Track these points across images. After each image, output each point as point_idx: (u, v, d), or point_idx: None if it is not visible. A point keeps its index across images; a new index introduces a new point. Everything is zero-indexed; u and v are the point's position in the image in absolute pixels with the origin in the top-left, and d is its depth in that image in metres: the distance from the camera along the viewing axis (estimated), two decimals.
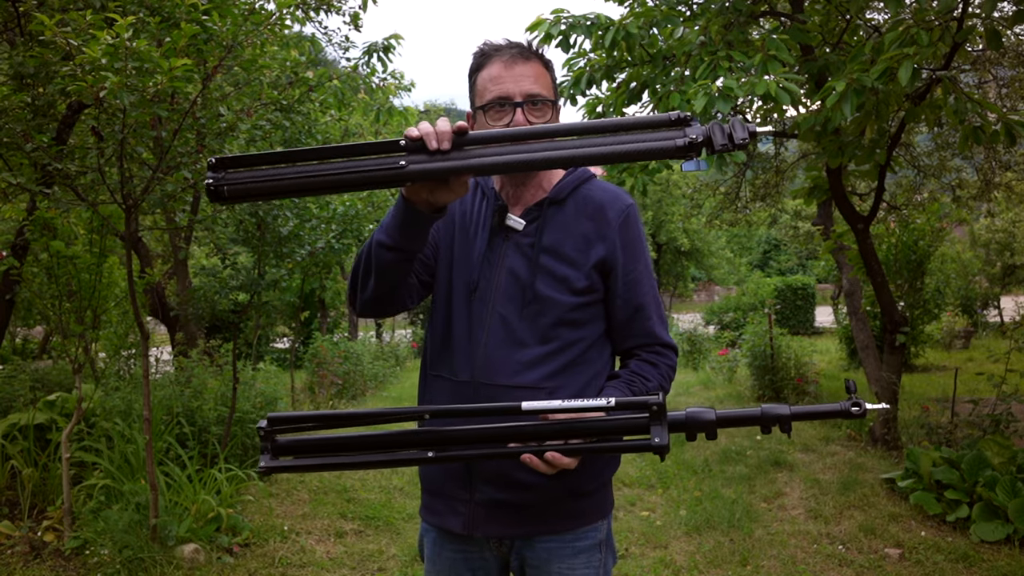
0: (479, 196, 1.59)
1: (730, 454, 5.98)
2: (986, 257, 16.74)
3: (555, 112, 1.51)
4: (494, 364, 1.47)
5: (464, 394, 1.49)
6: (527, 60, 1.47)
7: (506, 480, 1.46)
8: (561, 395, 1.47)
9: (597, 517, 1.55)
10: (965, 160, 10.73)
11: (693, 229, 23.84)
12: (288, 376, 8.11)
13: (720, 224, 13.74)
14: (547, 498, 1.47)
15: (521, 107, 1.44)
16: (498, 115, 1.45)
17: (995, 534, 3.91)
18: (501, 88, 1.44)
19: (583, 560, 1.52)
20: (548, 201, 1.52)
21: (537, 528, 1.50)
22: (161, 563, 3.52)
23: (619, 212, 1.53)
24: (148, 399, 3.56)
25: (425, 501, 1.61)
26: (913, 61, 3.52)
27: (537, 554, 1.51)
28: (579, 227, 1.51)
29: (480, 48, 1.52)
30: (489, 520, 1.49)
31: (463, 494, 1.50)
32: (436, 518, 1.56)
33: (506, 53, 1.47)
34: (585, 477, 1.48)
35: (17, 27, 3.85)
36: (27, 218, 3.88)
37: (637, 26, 4.48)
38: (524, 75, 1.45)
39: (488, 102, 1.45)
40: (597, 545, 1.54)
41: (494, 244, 1.52)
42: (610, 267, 1.50)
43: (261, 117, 4.12)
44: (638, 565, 3.93)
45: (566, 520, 1.50)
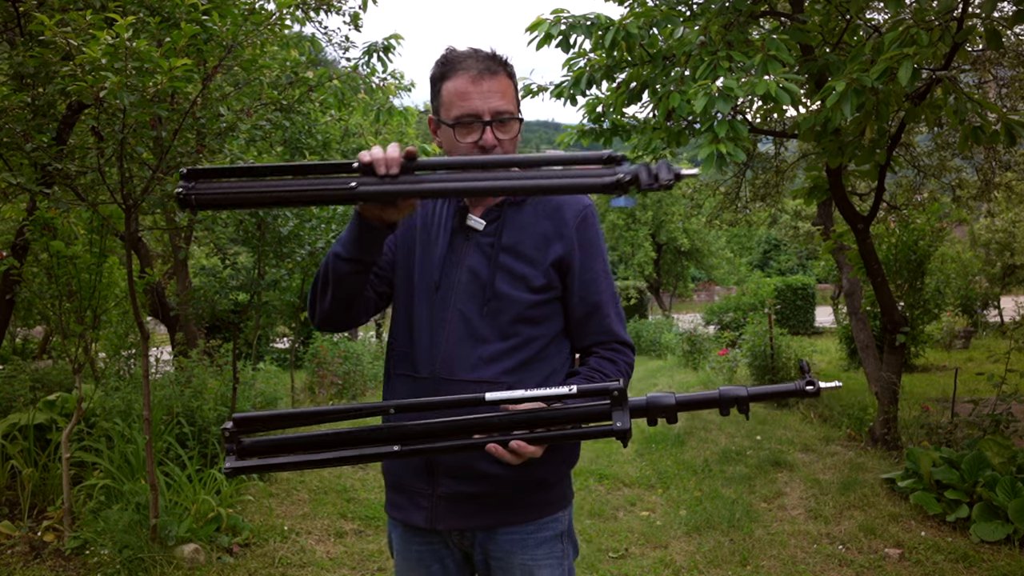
0: (441, 200, 1.64)
1: (730, 454, 5.98)
2: (986, 257, 16.74)
3: (520, 125, 1.55)
4: (455, 359, 1.51)
5: (426, 390, 1.52)
6: (494, 75, 1.49)
7: (467, 472, 1.49)
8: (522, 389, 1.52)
9: (557, 508, 1.58)
10: (965, 160, 10.72)
11: (693, 229, 23.86)
12: (288, 376, 8.11)
13: (720, 224, 13.73)
14: (508, 490, 1.51)
15: (490, 125, 1.48)
16: (466, 132, 1.49)
17: (995, 534, 3.91)
18: (469, 105, 1.47)
19: (545, 551, 1.55)
20: (507, 202, 1.57)
21: (499, 520, 1.53)
22: (161, 563, 3.52)
23: (576, 212, 1.57)
24: (148, 399, 3.56)
25: (389, 497, 1.64)
26: (913, 61, 3.52)
27: (500, 546, 1.54)
28: (537, 227, 1.55)
29: (444, 56, 1.53)
30: (451, 513, 1.52)
31: (425, 488, 1.53)
32: (400, 513, 1.59)
33: (473, 67, 1.48)
34: (545, 469, 1.51)
35: (17, 27, 3.85)
36: (27, 218, 3.88)
37: (637, 26, 4.48)
38: (492, 91, 1.48)
39: (456, 118, 1.49)
40: (559, 536, 1.58)
41: (455, 244, 1.57)
42: (567, 265, 1.54)
43: (261, 117, 4.12)
44: (638, 565, 3.93)
45: (527, 511, 1.54)
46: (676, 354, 12.96)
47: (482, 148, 1.48)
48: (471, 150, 1.49)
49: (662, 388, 10.03)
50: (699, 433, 6.86)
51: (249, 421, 1.33)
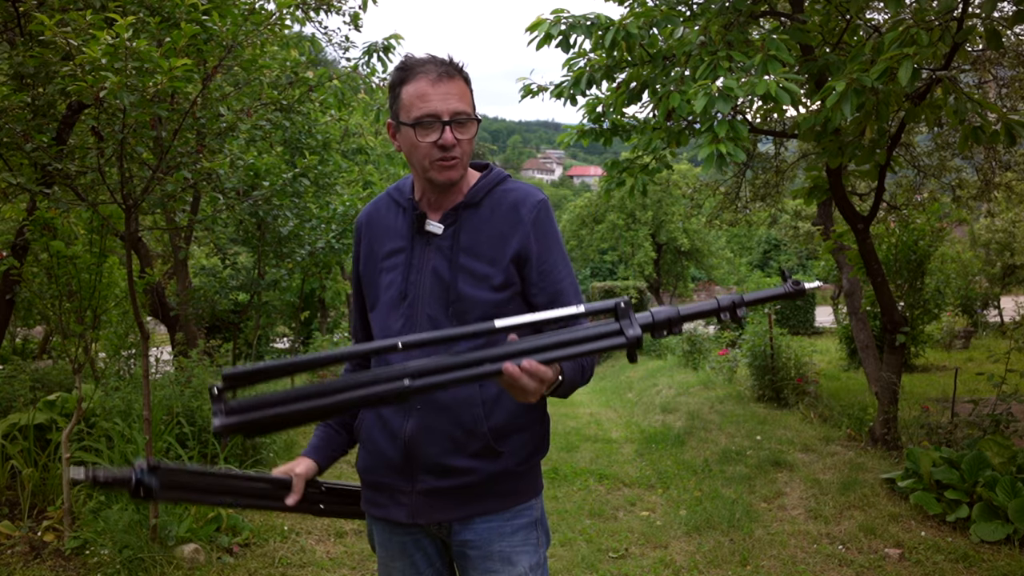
0: (398, 212, 1.68)
1: (730, 454, 5.98)
2: (986, 257, 16.74)
3: (477, 126, 1.59)
4: None
5: None
6: (451, 78, 1.54)
7: (446, 469, 1.56)
8: (493, 386, 1.55)
9: (530, 496, 1.65)
10: (965, 160, 10.72)
11: (693, 229, 23.85)
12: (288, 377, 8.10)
13: (720, 224, 13.73)
14: (482, 480, 1.57)
15: (449, 125, 1.53)
16: (427, 132, 1.53)
17: (995, 534, 3.91)
18: (429, 106, 1.52)
19: (521, 538, 1.62)
20: (463, 204, 1.61)
21: (475, 509, 1.59)
22: (161, 563, 3.52)
23: (531, 207, 1.61)
24: (148, 399, 3.56)
25: (367, 496, 1.68)
26: (913, 61, 3.52)
27: (478, 535, 1.60)
28: (494, 226, 1.60)
29: (403, 62, 1.59)
30: (431, 508, 1.58)
31: (405, 485, 1.59)
32: (380, 510, 1.64)
33: (432, 71, 1.54)
34: (515, 460, 1.60)
35: (17, 27, 3.85)
36: (27, 218, 3.88)
37: (637, 26, 4.48)
38: (450, 93, 1.53)
39: (416, 119, 1.53)
40: (533, 523, 1.64)
41: (416, 249, 1.62)
42: (524, 259, 1.58)
43: (261, 117, 4.13)
44: (638, 565, 3.93)
45: (501, 499, 1.60)
46: (676, 354, 12.96)
47: (442, 147, 1.53)
48: (430, 150, 1.53)
49: (662, 388, 10.03)
50: (699, 433, 6.86)
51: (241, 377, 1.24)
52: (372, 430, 1.63)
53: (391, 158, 7.44)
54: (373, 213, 1.74)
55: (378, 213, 1.72)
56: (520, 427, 1.60)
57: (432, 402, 1.55)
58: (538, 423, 1.65)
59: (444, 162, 1.54)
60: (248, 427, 1.24)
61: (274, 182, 4.09)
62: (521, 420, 1.60)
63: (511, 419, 1.58)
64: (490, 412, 1.56)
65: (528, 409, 1.61)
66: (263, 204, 4.11)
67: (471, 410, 1.54)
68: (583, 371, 1.55)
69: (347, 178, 6.71)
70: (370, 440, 1.64)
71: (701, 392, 8.97)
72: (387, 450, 1.59)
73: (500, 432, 1.57)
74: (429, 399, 1.55)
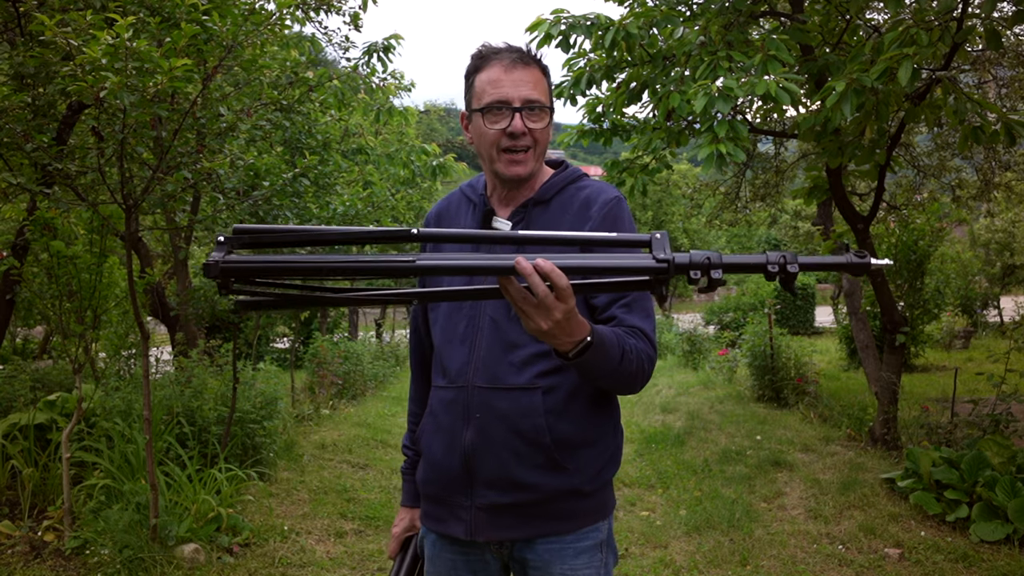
0: (467, 207, 1.62)
1: (730, 454, 5.98)
2: (986, 257, 16.74)
3: (551, 118, 1.52)
4: (488, 367, 1.48)
5: (460, 399, 1.50)
6: (526, 65, 1.48)
7: (506, 483, 1.47)
8: (558, 393, 1.46)
9: (598, 518, 1.54)
10: (965, 160, 10.72)
11: (693, 229, 23.86)
12: (288, 376, 8.11)
13: (720, 224, 13.73)
14: (548, 499, 1.48)
15: (520, 112, 1.46)
16: (496, 118, 1.47)
17: (995, 534, 3.91)
18: (500, 92, 1.46)
19: (584, 560, 1.52)
20: (533, 201, 1.55)
21: (539, 530, 1.49)
22: (161, 563, 3.52)
23: (603, 204, 1.52)
24: (148, 399, 3.56)
25: (425, 509, 1.61)
26: (913, 61, 3.52)
27: (539, 556, 1.51)
28: (563, 223, 1.52)
29: (479, 50, 1.52)
30: (491, 525, 1.49)
31: (464, 500, 1.51)
32: (438, 525, 1.57)
33: (506, 57, 1.48)
34: (585, 478, 1.49)
35: (17, 27, 3.85)
36: (27, 218, 3.88)
37: (637, 26, 4.49)
38: (523, 80, 1.46)
39: (486, 105, 1.46)
40: (598, 545, 1.54)
41: (481, 247, 1.52)
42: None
43: (261, 117, 4.13)
44: (638, 565, 3.93)
45: (567, 521, 1.50)
46: (676, 354, 12.96)
47: (511, 135, 1.46)
48: (499, 138, 1.47)
49: (662, 388, 10.03)
50: (699, 433, 6.86)
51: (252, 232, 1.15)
52: (431, 440, 1.56)
53: (391, 158, 7.44)
54: (444, 208, 1.67)
55: (448, 209, 1.66)
56: (588, 440, 1.49)
57: (491, 410, 1.46)
58: (610, 437, 1.54)
59: (511, 154, 1.47)
60: (244, 271, 1.12)
61: (274, 182, 4.09)
62: (589, 432, 1.49)
63: (578, 431, 1.48)
64: (554, 423, 1.46)
65: (597, 421, 1.51)
66: (263, 204, 4.10)
67: (533, 420, 1.45)
68: (623, 355, 1.37)
69: (347, 178, 6.71)
70: (429, 450, 1.57)
71: (701, 392, 8.97)
72: (446, 462, 1.52)
73: (565, 444, 1.46)
74: (488, 406, 1.46)
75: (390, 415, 7.97)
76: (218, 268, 1.10)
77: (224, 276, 1.11)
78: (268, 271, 1.13)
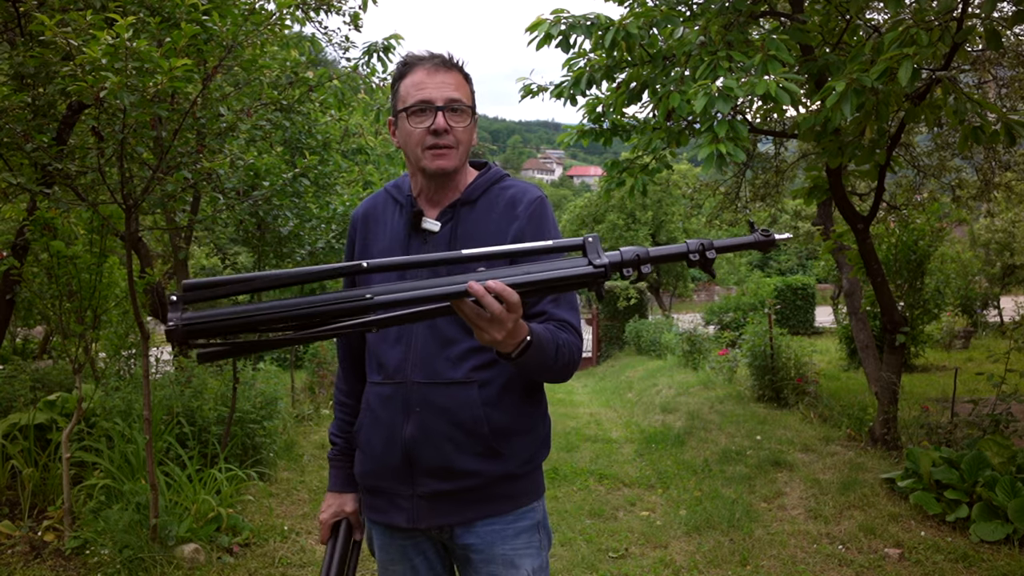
0: (394, 207, 1.67)
1: (730, 454, 5.98)
2: (986, 257, 16.74)
3: (473, 119, 1.58)
4: (424, 363, 1.55)
5: (398, 395, 1.56)
6: (448, 70, 1.55)
7: (448, 471, 1.54)
8: (492, 387, 1.54)
9: (532, 498, 1.63)
10: (965, 160, 10.72)
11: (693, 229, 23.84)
12: (288, 376, 8.11)
13: (720, 224, 13.73)
14: (486, 483, 1.56)
15: (442, 111, 1.52)
16: (420, 118, 1.53)
17: (995, 534, 3.91)
18: (424, 93, 1.53)
19: (524, 540, 1.60)
20: (460, 202, 1.60)
21: (479, 512, 1.57)
22: (161, 563, 3.52)
23: (528, 204, 1.60)
24: (148, 399, 3.56)
25: (367, 501, 1.67)
26: (913, 61, 3.52)
27: (481, 538, 1.58)
28: (491, 223, 1.58)
29: (404, 58, 1.60)
30: (433, 511, 1.57)
31: (405, 489, 1.57)
32: (380, 515, 1.64)
33: (428, 63, 1.55)
34: (519, 462, 1.58)
35: (17, 27, 3.85)
36: (27, 218, 3.88)
37: (637, 26, 4.48)
38: (445, 83, 1.54)
39: (411, 105, 1.53)
40: (535, 526, 1.63)
41: (412, 249, 1.60)
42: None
43: (261, 117, 4.13)
44: (638, 565, 3.93)
45: (504, 502, 1.59)
46: (676, 354, 12.96)
47: (434, 132, 1.52)
48: (423, 136, 1.53)
49: (662, 388, 10.03)
50: (699, 433, 6.86)
51: (200, 287, 1.17)
52: (370, 434, 1.61)
53: (391, 158, 7.44)
54: (370, 209, 1.71)
55: (375, 209, 1.70)
56: (521, 429, 1.59)
57: (431, 404, 1.53)
58: (540, 424, 1.64)
59: (436, 150, 1.53)
60: (205, 329, 1.14)
61: (274, 182, 4.09)
62: (522, 421, 1.59)
63: (512, 420, 1.57)
64: (490, 413, 1.54)
65: (528, 411, 1.60)
66: (263, 204, 4.10)
67: (471, 411, 1.52)
68: (557, 349, 1.48)
69: (347, 178, 6.71)
70: (368, 444, 1.62)
71: (701, 392, 8.97)
72: (385, 454, 1.57)
73: (501, 433, 1.55)
74: (428, 401, 1.53)
75: None
76: (180, 332, 1.13)
77: (187, 339, 1.14)
78: (228, 328, 1.17)
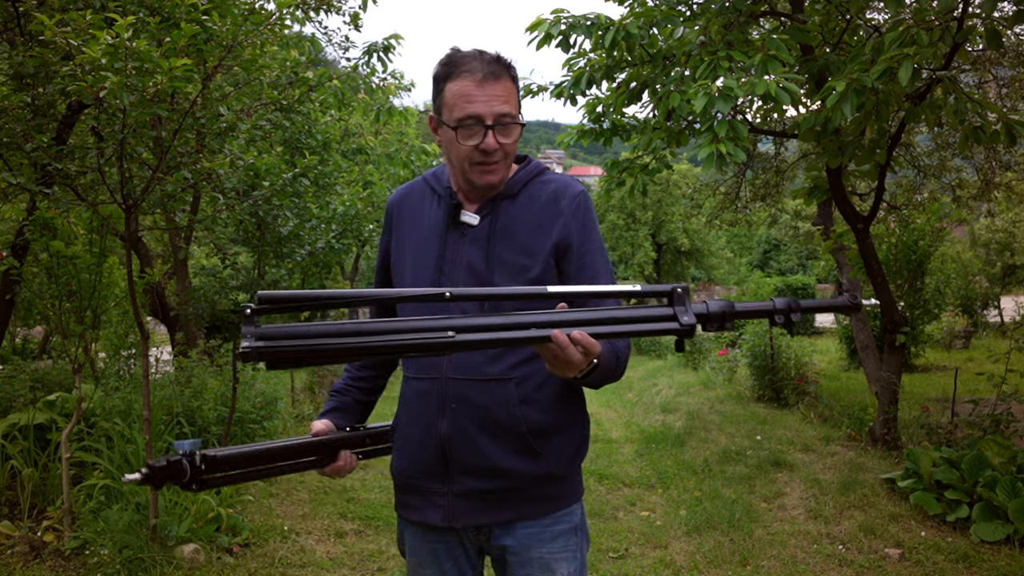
0: (432, 198, 1.63)
1: (730, 454, 5.98)
2: (986, 257, 16.75)
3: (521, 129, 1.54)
4: (461, 359, 1.51)
5: (434, 390, 1.53)
6: (497, 79, 1.48)
7: (482, 469, 1.50)
8: (530, 384, 1.51)
9: (571, 500, 1.60)
10: (965, 160, 10.73)
11: (693, 229, 23.86)
12: (288, 376, 8.11)
13: (720, 224, 13.74)
14: (522, 484, 1.52)
15: (492, 129, 1.47)
16: (468, 134, 1.48)
17: (995, 534, 3.91)
18: (473, 108, 1.47)
19: (561, 544, 1.57)
20: (500, 196, 1.57)
21: (515, 514, 1.54)
22: (161, 563, 3.52)
23: (571, 198, 1.57)
24: (148, 399, 3.56)
25: (401, 499, 1.63)
26: (913, 61, 3.52)
27: (518, 540, 1.55)
28: (532, 217, 1.55)
29: (449, 56, 1.52)
30: (468, 510, 1.53)
31: (441, 487, 1.53)
32: (415, 513, 1.59)
33: (478, 70, 1.47)
34: (556, 462, 1.54)
35: (17, 27, 3.85)
36: (27, 218, 3.88)
37: (637, 26, 4.48)
38: (495, 95, 1.47)
39: (459, 121, 1.48)
40: (573, 529, 1.59)
41: (450, 242, 1.56)
42: (564, 250, 1.54)
43: (261, 117, 4.13)
44: (638, 565, 3.93)
45: (543, 504, 1.55)
46: (676, 354, 12.96)
47: (483, 151, 1.48)
48: (471, 153, 1.49)
49: (662, 388, 10.03)
50: (699, 433, 6.86)
51: (276, 301, 1.16)
52: (407, 429, 1.58)
53: (391, 158, 7.44)
54: (407, 196, 1.68)
55: (411, 198, 1.67)
56: (560, 428, 1.55)
57: (466, 400, 1.50)
58: (579, 423, 1.60)
59: (484, 166, 1.50)
60: (277, 356, 1.15)
61: (274, 182, 4.09)
62: (561, 419, 1.55)
63: (550, 419, 1.53)
64: (527, 412, 1.50)
65: (567, 409, 1.56)
66: (263, 204, 4.10)
67: (507, 409, 1.49)
68: (617, 361, 1.47)
69: (347, 178, 6.70)
70: (405, 440, 1.59)
71: (701, 392, 8.97)
72: (421, 450, 1.54)
73: (539, 432, 1.51)
74: (463, 397, 1.50)
75: (390, 415, 7.94)
76: (254, 356, 1.14)
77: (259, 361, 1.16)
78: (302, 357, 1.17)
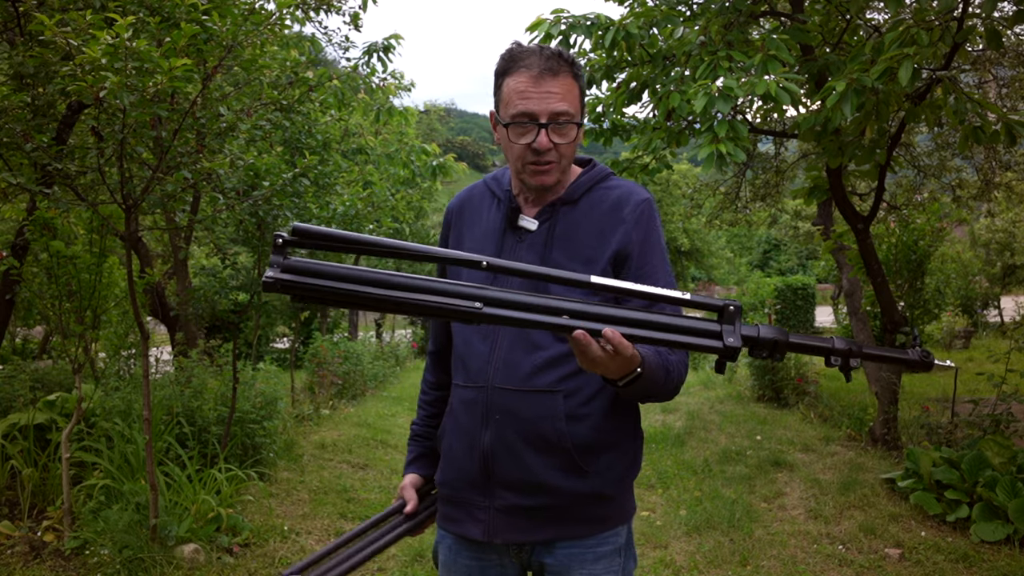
0: (491, 201, 1.58)
1: (730, 454, 5.98)
2: (986, 257, 16.75)
3: (579, 131, 1.47)
4: (509, 367, 1.45)
5: (479, 400, 1.47)
6: (555, 75, 1.41)
7: (526, 485, 1.44)
8: (578, 397, 1.44)
9: (619, 522, 1.52)
10: (965, 160, 10.72)
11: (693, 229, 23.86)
12: (288, 376, 8.11)
13: (720, 224, 13.73)
14: (567, 503, 1.45)
15: (545, 128, 1.41)
16: (521, 132, 1.43)
17: (995, 534, 3.91)
18: (526, 104, 1.41)
19: (603, 566, 1.49)
20: (561, 201, 1.51)
21: (559, 533, 1.47)
22: (161, 563, 3.52)
23: (635, 205, 1.50)
24: (148, 399, 3.56)
25: (443, 511, 1.58)
26: (913, 61, 3.52)
27: (558, 560, 1.48)
28: (592, 224, 1.48)
29: (509, 50, 1.47)
30: (509, 526, 1.47)
31: (482, 500, 1.48)
32: (455, 526, 1.54)
33: (535, 65, 1.41)
34: (607, 481, 1.47)
35: (17, 27, 3.85)
36: (27, 218, 3.88)
37: (637, 26, 4.48)
38: (551, 93, 1.40)
39: (512, 117, 1.42)
40: (617, 550, 1.52)
41: (506, 246, 1.50)
42: (624, 259, 1.47)
43: (261, 117, 4.13)
44: (638, 565, 3.93)
45: (588, 525, 1.48)
46: None
47: (535, 151, 1.42)
48: (524, 152, 1.43)
49: None
50: (699, 433, 6.86)
51: (310, 235, 1.13)
52: (452, 439, 1.53)
53: (391, 158, 7.44)
54: (467, 201, 1.63)
55: (471, 202, 1.62)
56: (609, 445, 1.46)
57: (510, 412, 1.43)
58: (630, 439, 1.52)
59: (537, 166, 1.43)
60: (301, 289, 1.12)
61: (274, 182, 4.09)
62: (610, 436, 1.46)
63: (598, 435, 1.45)
64: (574, 427, 1.42)
65: (617, 425, 1.48)
66: (263, 204, 4.10)
67: (553, 424, 1.42)
68: (667, 374, 1.38)
69: (347, 178, 6.71)
70: (449, 450, 1.54)
71: (701, 392, 8.97)
72: (465, 462, 1.49)
73: (586, 449, 1.44)
74: (507, 409, 1.44)
75: (390, 415, 7.96)
76: (278, 287, 1.11)
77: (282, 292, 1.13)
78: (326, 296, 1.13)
